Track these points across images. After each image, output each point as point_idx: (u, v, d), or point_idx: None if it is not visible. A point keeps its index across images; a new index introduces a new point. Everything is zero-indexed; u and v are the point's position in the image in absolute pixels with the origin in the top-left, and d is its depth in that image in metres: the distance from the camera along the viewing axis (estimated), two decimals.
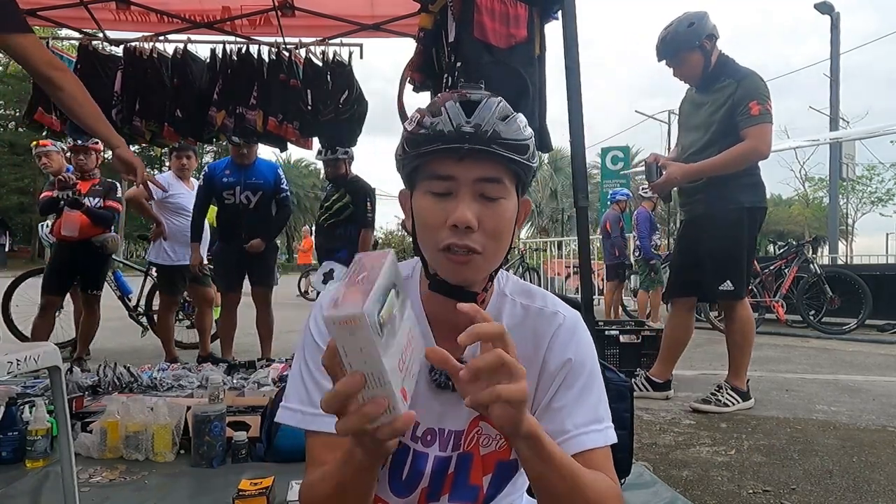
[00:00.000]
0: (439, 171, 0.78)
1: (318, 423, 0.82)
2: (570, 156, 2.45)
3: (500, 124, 0.77)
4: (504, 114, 0.79)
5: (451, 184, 0.77)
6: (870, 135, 10.57)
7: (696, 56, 3.05)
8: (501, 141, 0.77)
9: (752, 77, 2.96)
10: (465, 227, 0.76)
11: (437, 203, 0.78)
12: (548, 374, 0.85)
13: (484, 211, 0.78)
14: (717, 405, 3.02)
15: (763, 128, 2.87)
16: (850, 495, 1.98)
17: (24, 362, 1.36)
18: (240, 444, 2.18)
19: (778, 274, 6.86)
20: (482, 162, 0.77)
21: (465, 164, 0.77)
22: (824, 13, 12.47)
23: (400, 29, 3.90)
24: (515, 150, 0.78)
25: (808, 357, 4.95)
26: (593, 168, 21.73)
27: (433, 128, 0.77)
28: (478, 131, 0.76)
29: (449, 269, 0.80)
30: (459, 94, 0.80)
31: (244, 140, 3.95)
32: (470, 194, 0.77)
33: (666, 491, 1.91)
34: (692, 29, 3.02)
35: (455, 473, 0.89)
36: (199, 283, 4.37)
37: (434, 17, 2.54)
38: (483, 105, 0.78)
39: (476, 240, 0.77)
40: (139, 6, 3.68)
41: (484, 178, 0.77)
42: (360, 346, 0.53)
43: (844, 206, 25.04)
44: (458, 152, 0.76)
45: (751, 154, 2.89)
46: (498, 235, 0.79)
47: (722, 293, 3.05)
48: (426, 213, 0.79)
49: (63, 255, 4.06)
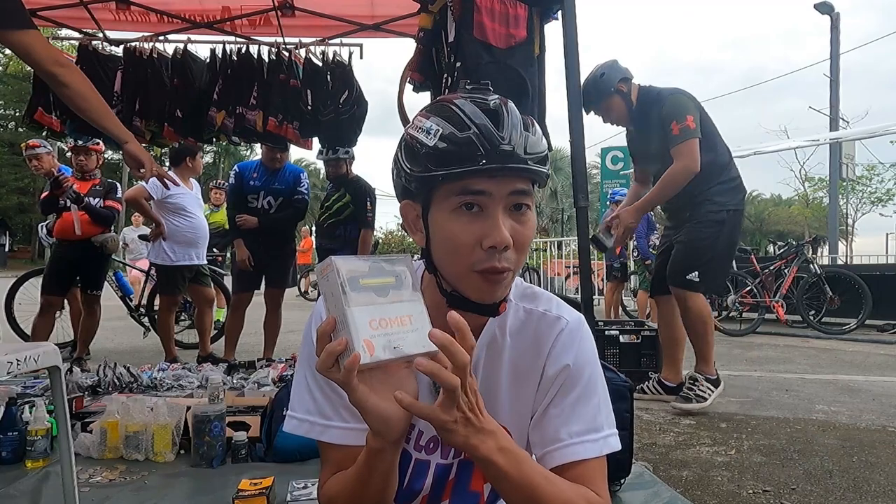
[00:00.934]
0: (471, 187, 0.73)
1: (328, 435, 0.82)
2: (570, 156, 2.45)
3: (528, 137, 0.75)
4: (524, 122, 0.76)
5: (482, 198, 0.74)
6: (870, 135, 10.57)
7: (617, 100, 3.24)
8: (533, 156, 0.75)
9: (670, 98, 3.11)
10: (503, 247, 0.73)
11: (467, 222, 0.74)
12: (546, 380, 0.85)
13: (515, 226, 0.75)
14: (697, 401, 3.04)
15: (685, 145, 2.99)
16: (850, 495, 1.98)
17: (24, 362, 1.36)
18: (240, 444, 2.18)
19: (778, 274, 6.86)
20: (515, 176, 0.74)
21: (497, 179, 0.73)
22: (824, 13, 12.48)
23: (400, 29, 3.90)
24: (543, 163, 0.77)
25: (808, 357, 4.95)
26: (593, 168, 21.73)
27: (462, 143, 0.72)
28: (514, 149, 0.73)
29: (483, 291, 0.77)
30: (474, 99, 0.76)
31: (244, 140, 3.96)
32: (502, 209, 0.74)
33: (666, 491, 1.91)
34: (604, 79, 3.22)
35: (455, 480, 0.88)
36: (199, 283, 4.37)
37: (434, 17, 2.54)
38: (509, 117, 0.75)
39: (510, 258, 0.75)
40: (139, 6, 3.68)
41: (517, 191, 0.75)
42: (331, 290, 0.66)
43: (844, 206, 25.02)
44: (495, 171, 0.72)
45: (681, 173, 3.00)
46: (526, 248, 0.78)
47: (687, 282, 3.10)
48: (457, 234, 0.74)
49: (63, 255, 4.06)
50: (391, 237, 27.28)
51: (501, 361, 0.86)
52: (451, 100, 0.77)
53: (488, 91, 0.78)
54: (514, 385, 0.86)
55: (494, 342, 0.86)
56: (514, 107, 0.78)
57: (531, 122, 0.78)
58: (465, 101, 0.76)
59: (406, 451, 0.88)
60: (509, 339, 0.86)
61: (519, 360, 0.86)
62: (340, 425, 0.82)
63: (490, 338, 0.86)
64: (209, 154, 34.44)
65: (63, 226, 4.01)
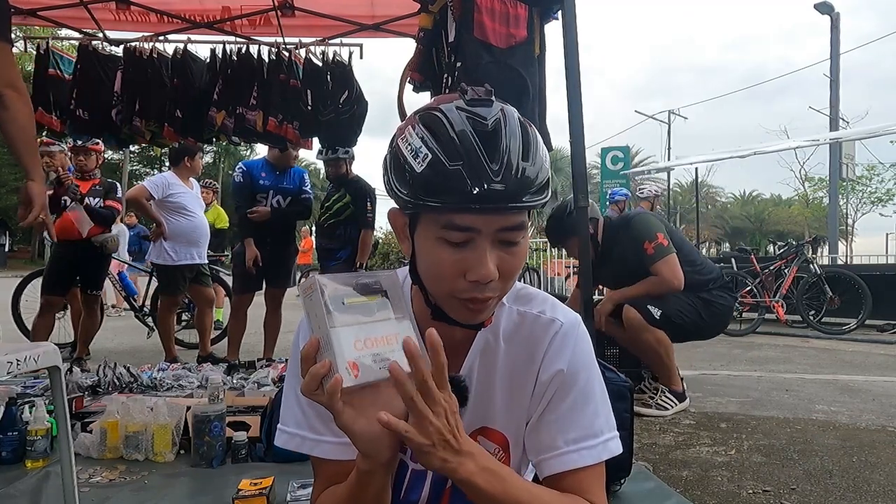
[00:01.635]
0: (459, 223, 0.69)
1: (320, 450, 0.81)
2: (570, 156, 2.45)
3: (525, 165, 0.69)
4: (525, 145, 0.71)
5: (470, 234, 0.70)
6: (870, 135, 10.56)
7: None
8: (529, 190, 0.70)
9: (635, 221, 3.16)
10: (488, 281, 0.71)
11: (452, 253, 0.71)
12: (540, 385, 0.83)
13: (503, 257, 0.72)
14: (656, 408, 3.03)
15: (663, 263, 3.00)
16: (850, 495, 1.98)
17: (23, 362, 1.36)
18: (240, 444, 2.18)
19: (778, 274, 6.86)
20: (507, 212, 0.70)
21: (488, 216, 0.69)
22: (824, 13, 12.48)
23: (400, 29, 3.90)
24: (539, 193, 0.71)
25: (808, 357, 4.95)
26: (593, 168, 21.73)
27: (450, 175, 0.67)
28: (507, 187, 0.67)
29: (466, 316, 0.75)
30: (471, 115, 0.70)
31: (244, 140, 3.96)
32: (490, 244, 0.71)
33: (666, 491, 1.91)
34: (570, 219, 3.04)
35: (452, 489, 0.87)
36: (200, 282, 4.37)
37: (434, 17, 2.55)
38: (503, 139, 0.69)
39: (495, 287, 0.73)
40: (139, 6, 3.68)
41: (507, 227, 0.71)
42: (315, 310, 0.65)
43: (844, 206, 25.04)
44: (485, 211, 0.69)
45: (663, 288, 3.01)
46: (514, 276, 0.75)
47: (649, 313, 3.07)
48: (440, 264, 0.72)
49: (63, 255, 4.06)
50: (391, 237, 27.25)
51: (496, 368, 0.84)
52: (447, 114, 0.71)
53: (489, 102, 0.72)
54: (509, 391, 0.85)
55: (488, 348, 0.84)
56: (517, 122, 0.72)
57: (532, 141, 0.72)
58: (460, 118, 0.70)
59: (402, 461, 0.87)
60: (503, 344, 0.84)
61: (513, 366, 0.84)
62: (331, 440, 0.80)
63: (483, 344, 0.84)
64: (209, 154, 34.44)
65: (63, 226, 4.01)
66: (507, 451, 0.86)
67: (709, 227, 37.08)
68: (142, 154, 30.32)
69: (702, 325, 3.08)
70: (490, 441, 0.86)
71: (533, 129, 0.74)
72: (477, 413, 0.85)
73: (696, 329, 3.09)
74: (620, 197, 7.34)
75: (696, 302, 3.04)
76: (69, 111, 3.74)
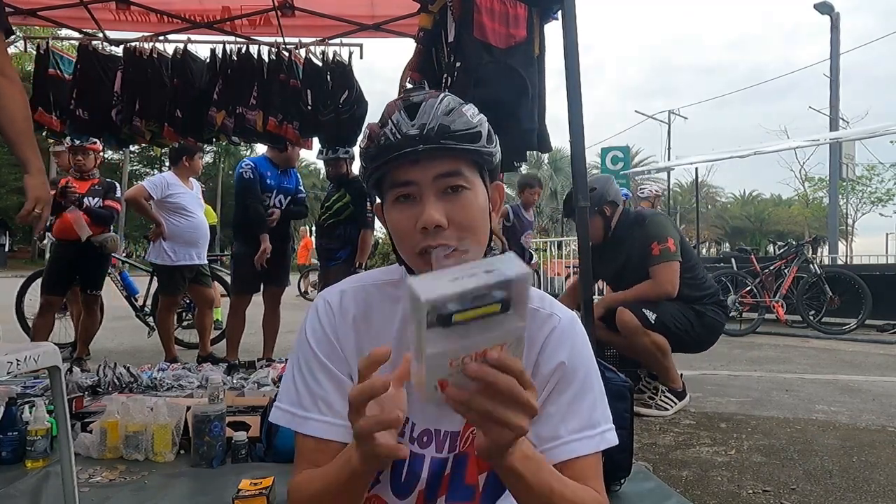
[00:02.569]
0: (398, 179, 0.79)
1: (307, 427, 0.84)
2: (570, 156, 2.45)
3: (445, 118, 0.78)
4: (448, 108, 0.79)
5: (413, 188, 0.79)
6: (870, 135, 10.56)
7: (596, 220, 3.19)
8: (450, 134, 0.78)
9: (651, 220, 3.15)
10: (434, 227, 0.77)
11: (404, 210, 0.80)
12: (541, 378, 0.85)
13: (450, 206, 0.78)
14: (657, 408, 3.03)
15: (664, 267, 3.01)
16: (850, 495, 1.98)
17: (23, 362, 1.36)
18: (240, 444, 2.18)
19: (778, 274, 6.86)
20: (437, 160, 0.78)
21: (420, 165, 0.78)
22: (824, 13, 12.48)
23: (400, 29, 3.90)
24: (466, 140, 0.79)
25: (808, 357, 4.95)
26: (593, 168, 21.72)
27: (381, 139, 0.79)
28: (423, 131, 0.77)
29: None
30: (402, 98, 0.82)
31: (244, 140, 3.96)
32: (433, 193, 0.78)
33: (666, 491, 1.91)
34: (593, 195, 3.12)
35: (451, 474, 0.89)
36: (200, 283, 4.37)
37: (434, 17, 2.55)
38: (425, 105, 0.79)
39: (449, 236, 0.78)
40: (139, 6, 3.68)
41: (442, 174, 0.78)
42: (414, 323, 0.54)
43: (844, 206, 25.05)
44: (410, 156, 0.77)
45: (653, 293, 3.02)
46: (471, 227, 0.80)
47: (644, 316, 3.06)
48: (396, 222, 0.81)
49: (63, 255, 4.06)
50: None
51: None
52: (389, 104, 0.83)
53: (421, 89, 0.83)
54: None
55: None
56: (447, 97, 0.81)
57: (460, 106, 0.81)
58: (394, 103, 0.81)
59: (402, 443, 0.88)
60: None
61: None
62: (317, 417, 0.83)
63: None
64: (209, 154, 34.44)
65: (63, 226, 4.01)
66: None
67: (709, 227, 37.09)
68: (142, 154, 30.33)
69: (693, 336, 3.06)
70: None
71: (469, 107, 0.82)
72: None
73: (688, 339, 3.07)
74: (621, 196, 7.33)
75: (689, 313, 3.03)
76: (69, 111, 3.73)
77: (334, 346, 0.86)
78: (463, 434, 0.88)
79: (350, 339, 0.87)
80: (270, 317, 4.18)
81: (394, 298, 0.89)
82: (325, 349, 0.86)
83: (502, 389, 0.57)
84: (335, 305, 0.88)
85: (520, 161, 2.63)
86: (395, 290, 0.89)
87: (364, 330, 0.87)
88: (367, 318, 0.88)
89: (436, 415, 0.87)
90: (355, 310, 0.88)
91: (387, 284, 0.90)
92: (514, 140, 2.37)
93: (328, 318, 0.87)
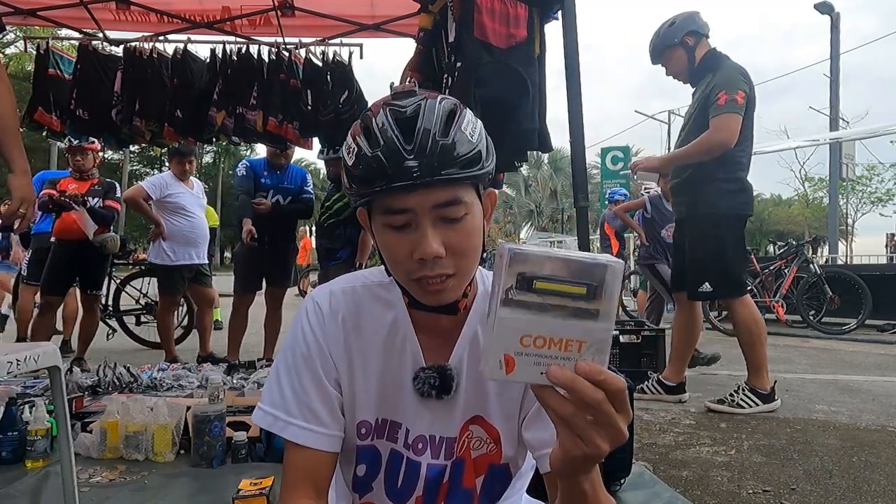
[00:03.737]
0: (393, 206, 0.73)
1: (289, 432, 0.82)
2: (571, 156, 2.45)
3: (445, 141, 0.71)
4: (445, 123, 0.72)
5: (408, 215, 0.73)
6: (870, 135, 10.57)
7: (679, 53, 3.11)
8: (451, 161, 0.71)
9: (728, 69, 2.97)
10: (433, 258, 0.72)
11: (399, 237, 0.74)
12: None
13: (449, 234, 0.73)
14: (730, 406, 3.00)
15: (725, 118, 2.84)
16: (850, 495, 1.98)
17: (24, 362, 1.36)
18: (240, 444, 2.18)
19: (778, 274, 6.86)
20: (436, 188, 0.71)
21: (417, 194, 0.71)
22: (824, 13, 12.47)
23: (400, 29, 3.90)
24: (467, 166, 0.73)
25: (808, 357, 4.95)
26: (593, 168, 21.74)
27: (371, 163, 0.71)
28: (422, 160, 0.70)
29: (426, 297, 0.77)
30: (391, 106, 0.74)
31: (244, 141, 3.96)
32: (431, 222, 0.73)
33: (666, 491, 1.91)
34: (673, 27, 3.10)
35: (450, 482, 0.88)
36: (200, 282, 4.37)
37: (434, 17, 2.55)
38: (421, 121, 0.71)
39: (447, 265, 0.74)
40: (139, 6, 3.68)
41: (441, 203, 0.72)
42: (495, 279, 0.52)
43: (844, 206, 25.01)
44: (407, 188, 0.71)
45: (709, 142, 2.87)
46: (468, 252, 0.76)
47: (701, 294, 3.08)
48: (390, 248, 0.76)
49: (63, 255, 4.06)
50: None
51: None
52: (374, 109, 0.75)
53: (412, 94, 0.75)
54: (500, 385, 0.85)
55: (477, 340, 0.85)
56: (439, 106, 0.73)
57: (456, 119, 0.73)
58: (382, 112, 0.74)
59: (396, 450, 0.88)
60: None
61: None
62: (301, 424, 0.82)
63: (472, 335, 0.85)
64: (209, 154, 34.40)
65: (63, 226, 4.01)
66: (497, 444, 0.87)
67: None
68: (142, 154, 30.30)
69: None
70: (483, 431, 0.87)
71: (463, 110, 0.75)
72: (470, 404, 0.86)
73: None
74: (619, 197, 7.34)
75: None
76: (69, 111, 3.74)
77: (323, 351, 0.85)
78: (459, 439, 0.87)
79: (339, 341, 0.85)
80: (272, 317, 4.19)
81: (384, 301, 0.87)
82: (314, 353, 0.84)
83: (590, 404, 0.51)
84: (325, 307, 0.86)
85: (520, 161, 2.63)
86: (385, 293, 0.87)
87: (353, 333, 0.86)
88: (356, 321, 0.86)
89: (429, 421, 0.86)
90: (345, 311, 0.86)
91: (377, 286, 0.88)
92: (515, 140, 2.37)
93: (318, 319, 0.86)
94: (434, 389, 0.83)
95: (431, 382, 0.83)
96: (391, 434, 0.87)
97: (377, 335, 0.86)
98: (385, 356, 0.86)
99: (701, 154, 2.91)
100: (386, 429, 0.87)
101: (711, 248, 3.00)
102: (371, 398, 0.86)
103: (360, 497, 0.90)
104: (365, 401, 0.86)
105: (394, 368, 0.86)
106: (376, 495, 0.89)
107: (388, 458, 0.88)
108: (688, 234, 3.12)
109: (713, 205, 2.98)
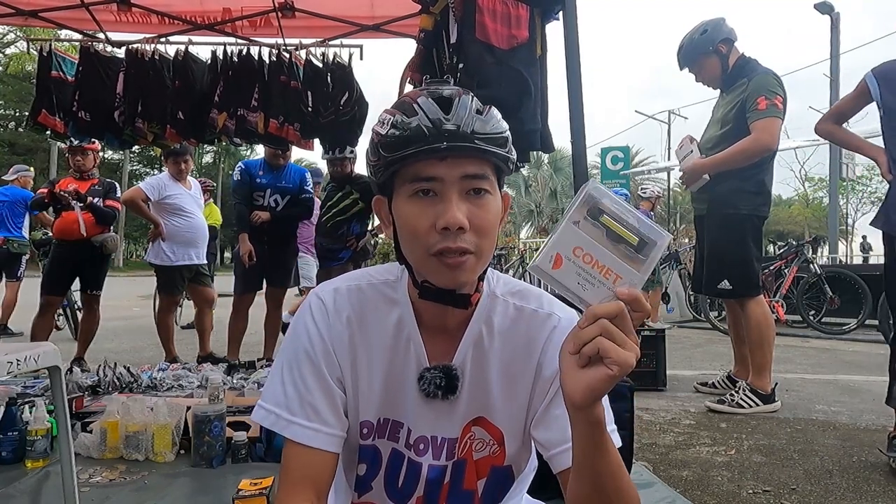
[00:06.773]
0: (422, 173, 0.74)
1: (291, 431, 0.81)
2: (571, 156, 2.45)
3: (479, 119, 0.75)
4: (479, 108, 0.76)
5: (435, 184, 0.74)
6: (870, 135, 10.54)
7: (713, 60, 3.15)
8: (483, 136, 0.74)
9: (764, 75, 3.01)
10: (457, 228, 0.73)
11: (423, 206, 0.74)
12: (544, 380, 0.84)
13: (472, 209, 0.74)
14: (730, 406, 3.00)
15: (767, 122, 2.90)
16: (850, 495, 1.98)
17: (24, 362, 1.36)
18: (240, 444, 2.18)
19: (778, 274, 6.86)
20: (466, 159, 0.74)
21: (448, 162, 0.73)
22: (824, 13, 12.47)
23: (400, 30, 3.91)
24: (497, 144, 0.76)
25: (808, 357, 4.95)
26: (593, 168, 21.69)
27: (409, 128, 0.74)
28: (459, 128, 0.73)
29: (443, 274, 0.76)
30: (430, 90, 0.77)
31: (245, 142, 3.96)
32: (457, 193, 0.74)
33: (666, 491, 1.91)
34: (706, 36, 3.13)
35: (451, 484, 0.87)
36: (199, 282, 4.37)
37: (435, 18, 2.55)
38: (459, 102, 0.75)
39: (468, 240, 0.74)
40: (140, 8, 3.69)
41: (469, 174, 0.74)
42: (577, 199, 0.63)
43: (844, 206, 25.03)
44: (441, 151, 0.73)
45: (753, 147, 2.91)
46: (488, 232, 0.76)
47: (720, 291, 3.09)
48: (413, 218, 0.75)
49: (63, 255, 4.06)
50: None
51: (490, 361, 0.85)
52: (412, 95, 0.78)
53: (446, 83, 0.80)
54: (506, 385, 0.85)
55: (481, 340, 0.85)
56: (474, 98, 0.77)
57: (489, 108, 0.78)
58: (421, 93, 0.77)
59: (397, 450, 0.87)
60: (498, 337, 0.85)
61: (510, 360, 0.85)
62: (304, 423, 0.80)
63: (476, 336, 0.85)
64: (209, 154, 34.41)
65: (63, 226, 4.01)
66: (501, 445, 0.87)
67: None
68: (142, 154, 30.33)
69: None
70: (486, 432, 0.86)
71: (492, 109, 0.79)
72: (474, 404, 0.86)
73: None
74: (619, 197, 7.33)
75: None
76: (72, 113, 3.74)
77: (327, 348, 0.83)
78: (461, 440, 0.86)
79: (343, 339, 0.84)
80: (272, 317, 4.19)
81: (389, 300, 0.86)
82: (318, 351, 0.82)
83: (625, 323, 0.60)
84: (329, 305, 0.85)
85: (522, 161, 2.63)
86: (391, 292, 0.86)
87: (358, 332, 0.84)
88: (361, 320, 0.85)
89: (432, 421, 0.86)
90: (349, 310, 0.85)
91: (383, 284, 0.87)
92: (517, 140, 2.33)
93: (322, 317, 0.84)
94: (440, 390, 0.83)
95: (437, 383, 0.83)
96: (392, 434, 0.87)
97: (382, 334, 0.85)
98: (389, 355, 0.85)
99: (745, 158, 2.95)
100: (387, 428, 0.87)
101: (734, 246, 3.03)
102: (374, 398, 0.85)
103: (358, 496, 0.89)
104: (368, 400, 0.85)
105: (397, 368, 0.85)
106: (376, 495, 0.88)
107: (389, 457, 0.87)
108: (708, 232, 3.14)
109: (734, 205, 3.02)
